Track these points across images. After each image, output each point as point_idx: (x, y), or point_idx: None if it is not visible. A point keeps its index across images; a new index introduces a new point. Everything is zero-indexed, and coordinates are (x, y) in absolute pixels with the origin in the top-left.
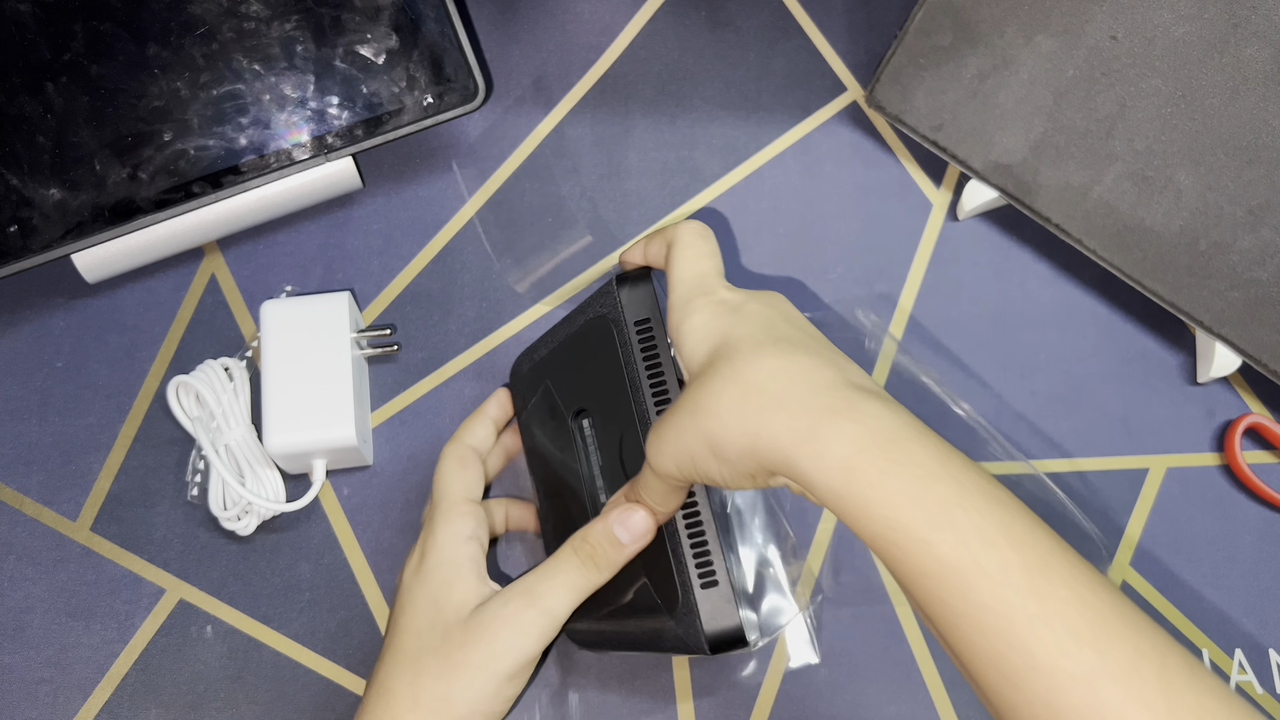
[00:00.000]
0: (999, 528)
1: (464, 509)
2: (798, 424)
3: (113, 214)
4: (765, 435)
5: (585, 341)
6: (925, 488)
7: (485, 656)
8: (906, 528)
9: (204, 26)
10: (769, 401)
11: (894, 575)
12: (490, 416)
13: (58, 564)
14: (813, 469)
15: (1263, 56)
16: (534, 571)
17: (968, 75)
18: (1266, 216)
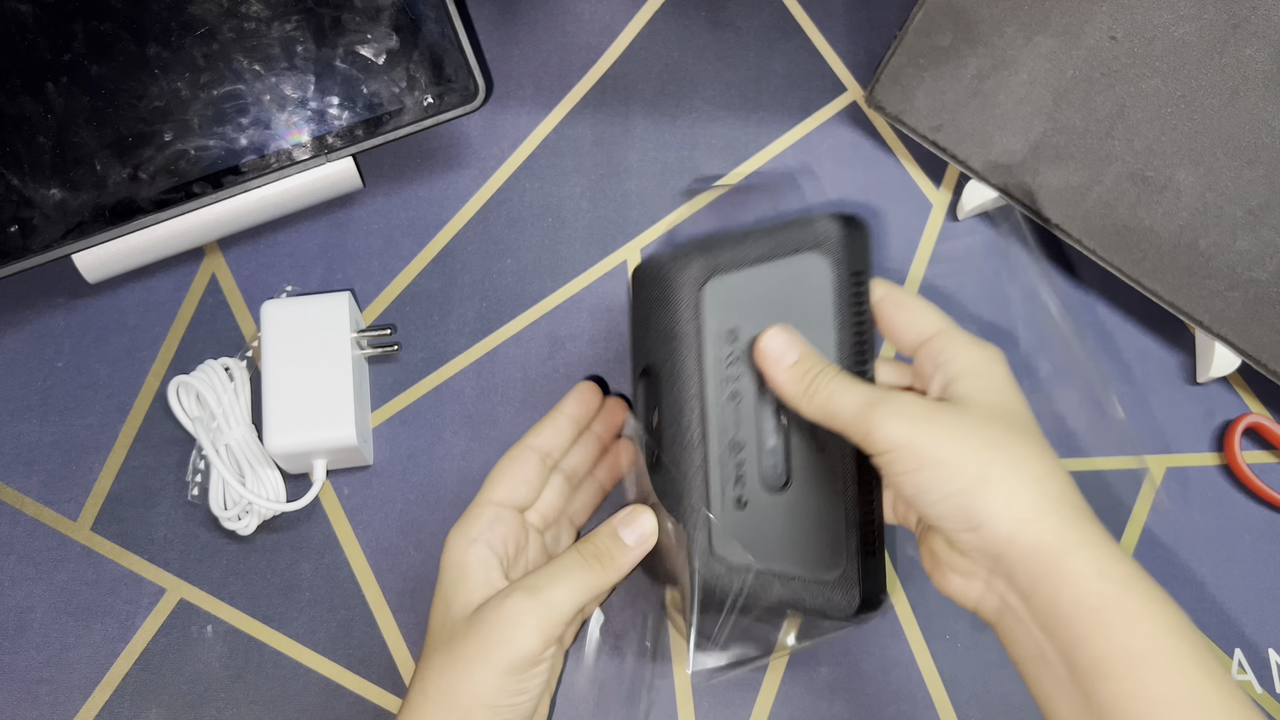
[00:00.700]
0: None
1: (480, 512)
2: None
3: (113, 214)
4: (1032, 526)
5: (786, 273)
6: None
7: (483, 650)
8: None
9: (204, 27)
10: (1054, 503)
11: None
12: (568, 415)
13: (58, 564)
14: (1089, 573)
15: (1262, 57)
16: (540, 569)
17: (967, 75)
18: (1266, 216)
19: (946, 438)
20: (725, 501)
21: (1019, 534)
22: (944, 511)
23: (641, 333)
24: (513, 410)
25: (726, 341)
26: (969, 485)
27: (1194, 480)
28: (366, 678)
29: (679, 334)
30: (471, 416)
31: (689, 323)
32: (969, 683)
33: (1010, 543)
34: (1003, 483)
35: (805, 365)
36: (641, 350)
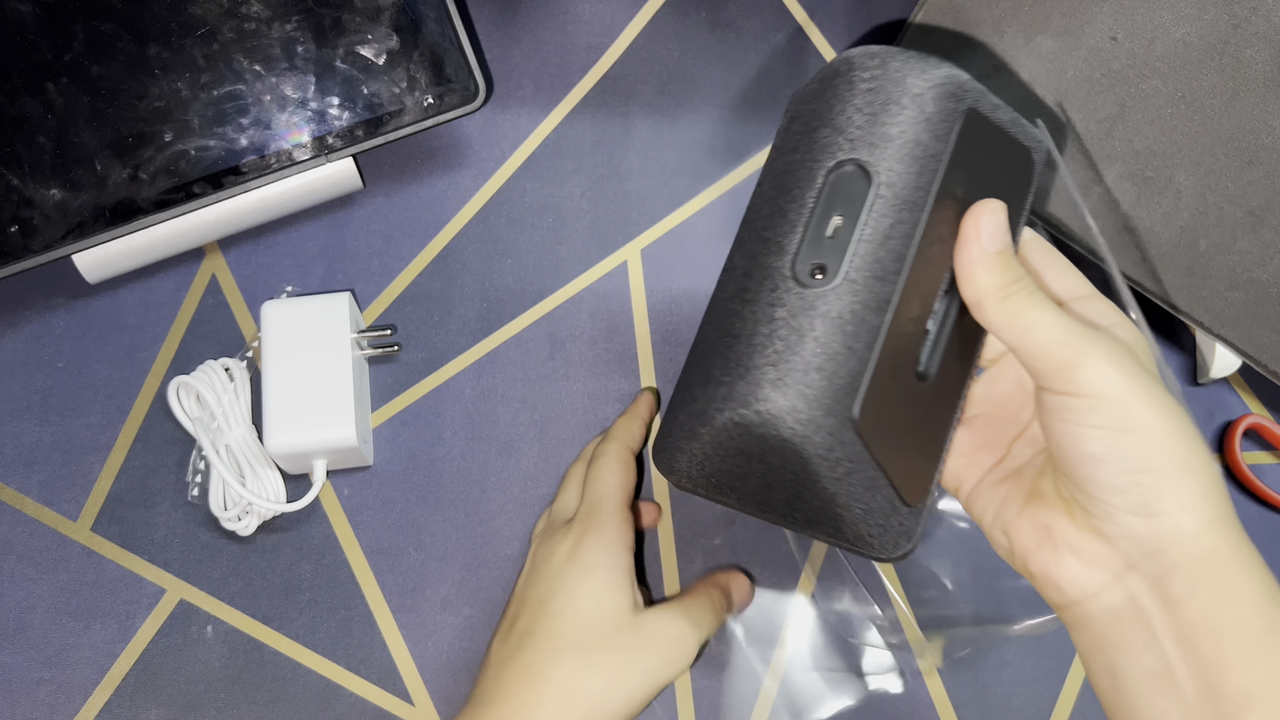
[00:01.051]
0: None
1: (628, 516)
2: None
3: (113, 214)
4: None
5: (1006, 149)
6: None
7: (655, 663)
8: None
9: (205, 27)
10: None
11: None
12: (643, 418)
13: (58, 564)
14: (1260, 594)
15: (1262, 58)
16: (688, 600)
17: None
18: (1266, 217)
19: (1160, 407)
20: (885, 360)
21: (1202, 536)
22: (1127, 485)
23: (851, 122)
24: (513, 410)
25: (959, 184)
26: (1170, 466)
27: None
28: (366, 678)
29: (922, 143)
30: (472, 417)
31: (938, 138)
32: (969, 684)
33: (1189, 541)
34: (1201, 476)
35: (1007, 261)
36: (848, 141)
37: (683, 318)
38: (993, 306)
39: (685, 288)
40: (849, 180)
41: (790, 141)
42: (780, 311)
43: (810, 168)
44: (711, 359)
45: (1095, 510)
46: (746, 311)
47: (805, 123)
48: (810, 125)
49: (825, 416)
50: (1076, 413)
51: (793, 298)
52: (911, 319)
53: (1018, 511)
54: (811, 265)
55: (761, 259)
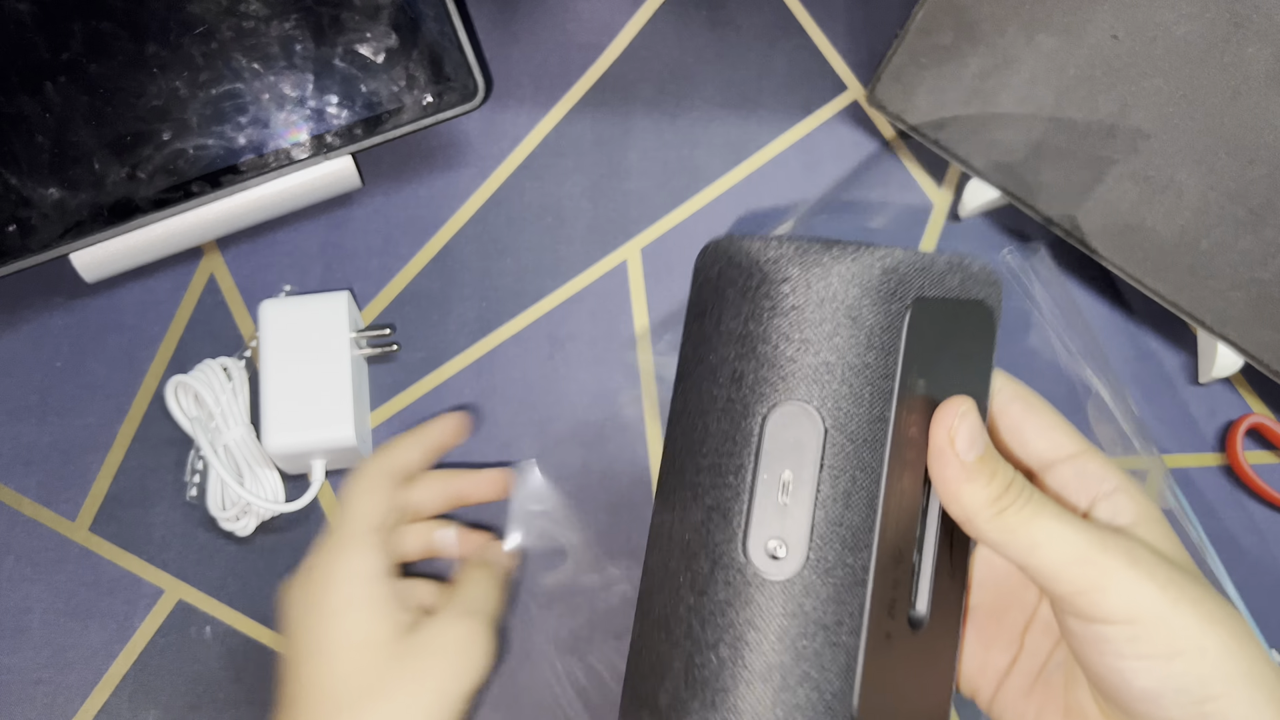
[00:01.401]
0: None
1: (373, 540)
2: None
3: (111, 213)
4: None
5: (953, 325)
6: None
7: (444, 681)
8: None
9: (203, 25)
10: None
11: None
12: (427, 443)
13: (56, 564)
14: None
15: (1264, 56)
16: (456, 592)
17: (969, 74)
18: (1268, 216)
19: (1207, 616)
20: (877, 636)
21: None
22: (1188, 717)
23: (777, 353)
24: (512, 410)
25: (916, 393)
26: (1234, 687)
27: (1196, 481)
28: None
29: (871, 365)
30: (471, 416)
31: (887, 352)
32: None
33: None
34: (1269, 686)
35: (992, 467)
36: (770, 380)
37: (682, 318)
38: (986, 524)
39: (685, 288)
40: (790, 425)
41: (708, 351)
42: (742, 613)
43: (741, 410)
44: (662, 675)
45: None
46: (698, 604)
47: (722, 338)
48: (729, 345)
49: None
50: (1113, 643)
51: (753, 592)
52: (894, 569)
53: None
54: (767, 545)
55: (703, 531)
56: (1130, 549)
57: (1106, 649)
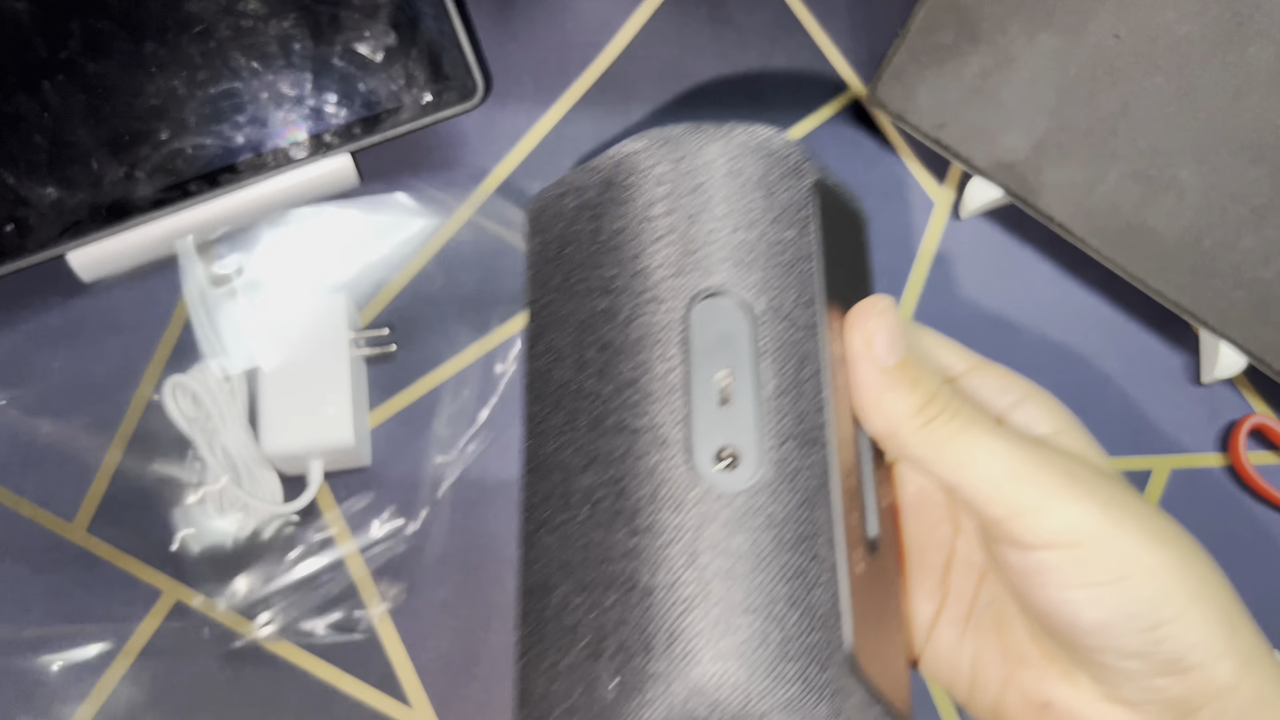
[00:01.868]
0: None
1: None
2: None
3: (109, 213)
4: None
5: (846, 228)
6: None
7: None
8: None
9: (201, 24)
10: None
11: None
12: None
13: (53, 565)
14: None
15: (1266, 55)
16: None
17: (970, 73)
18: (1271, 215)
19: (1152, 531)
20: (849, 548)
21: (1242, 683)
22: (1143, 646)
23: (669, 240)
24: (512, 410)
25: (834, 277)
26: (1186, 608)
27: (1198, 482)
28: (364, 680)
29: (786, 241)
30: (470, 417)
31: (799, 228)
32: None
33: (1231, 691)
34: (1221, 605)
35: (913, 374)
36: (694, 265)
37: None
38: (910, 438)
39: None
40: (715, 318)
41: (581, 282)
42: (702, 537)
43: (649, 315)
44: (599, 632)
45: (1110, 679)
46: (638, 546)
47: (597, 251)
48: (608, 254)
49: (819, 672)
50: (1055, 571)
51: (713, 509)
52: (849, 477)
53: (999, 687)
54: (715, 452)
55: (630, 460)
56: (1068, 465)
57: (1049, 579)
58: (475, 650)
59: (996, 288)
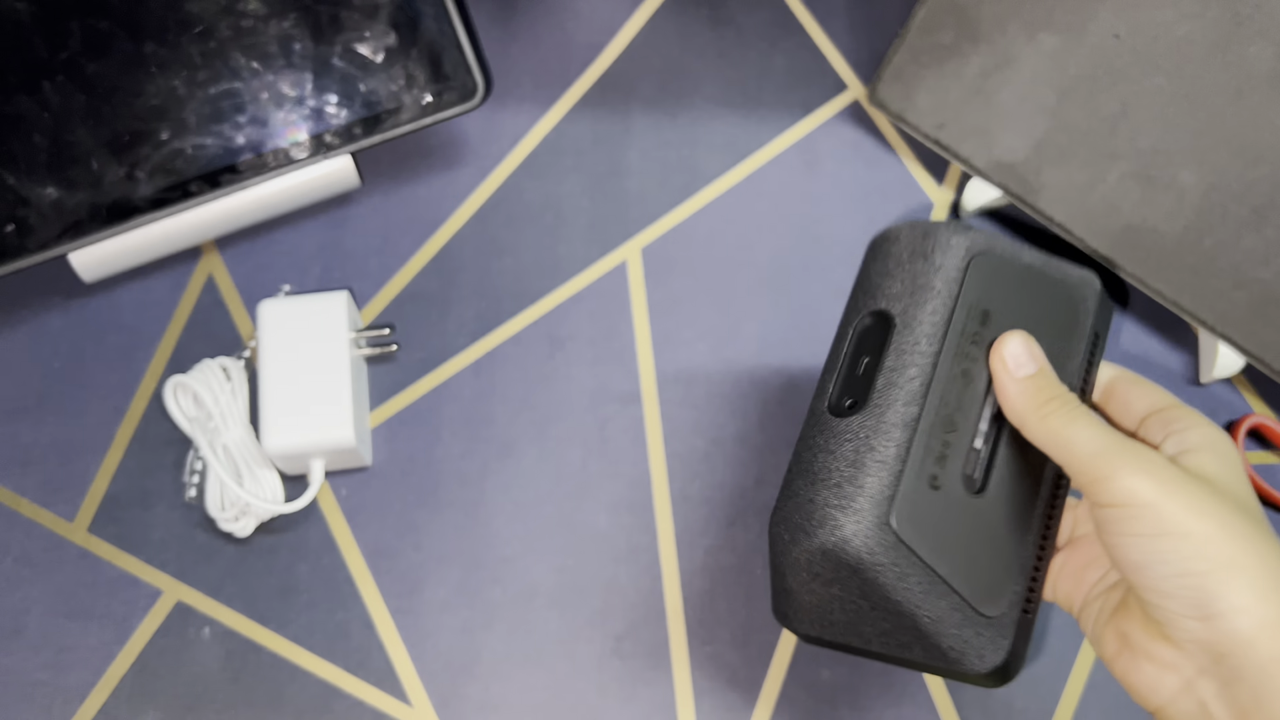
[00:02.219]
0: None
1: None
2: None
3: (109, 213)
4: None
5: (1049, 290)
6: None
7: None
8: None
9: (201, 24)
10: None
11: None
12: None
13: (55, 565)
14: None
15: (1266, 55)
16: None
17: (970, 73)
18: (1271, 216)
19: (1196, 510)
20: (921, 472)
21: (1260, 640)
22: (1175, 589)
23: (879, 282)
24: (512, 410)
25: (977, 320)
26: (1215, 568)
27: None
28: (365, 680)
29: (933, 288)
30: (470, 417)
31: (949, 282)
32: (971, 686)
33: (1248, 645)
34: (1254, 576)
35: (1042, 383)
36: (873, 297)
37: (683, 317)
38: (1033, 426)
39: (685, 287)
40: (874, 329)
41: (846, 310)
42: (825, 444)
43: (845, 324)
44: (789, 505)
45: (1159, 616)
46: (804, 452)
47: (852, 291)
48: (853, 292)
49: (872, 529)
50: (1115, 522)
51: (833, 430)
52: (949, 437)
53: (1105, 621)
54: (845, 402)
55: (813, 404)
56: (1143, 454)
57: (1110, 527)
58: (475, 650)
59: None
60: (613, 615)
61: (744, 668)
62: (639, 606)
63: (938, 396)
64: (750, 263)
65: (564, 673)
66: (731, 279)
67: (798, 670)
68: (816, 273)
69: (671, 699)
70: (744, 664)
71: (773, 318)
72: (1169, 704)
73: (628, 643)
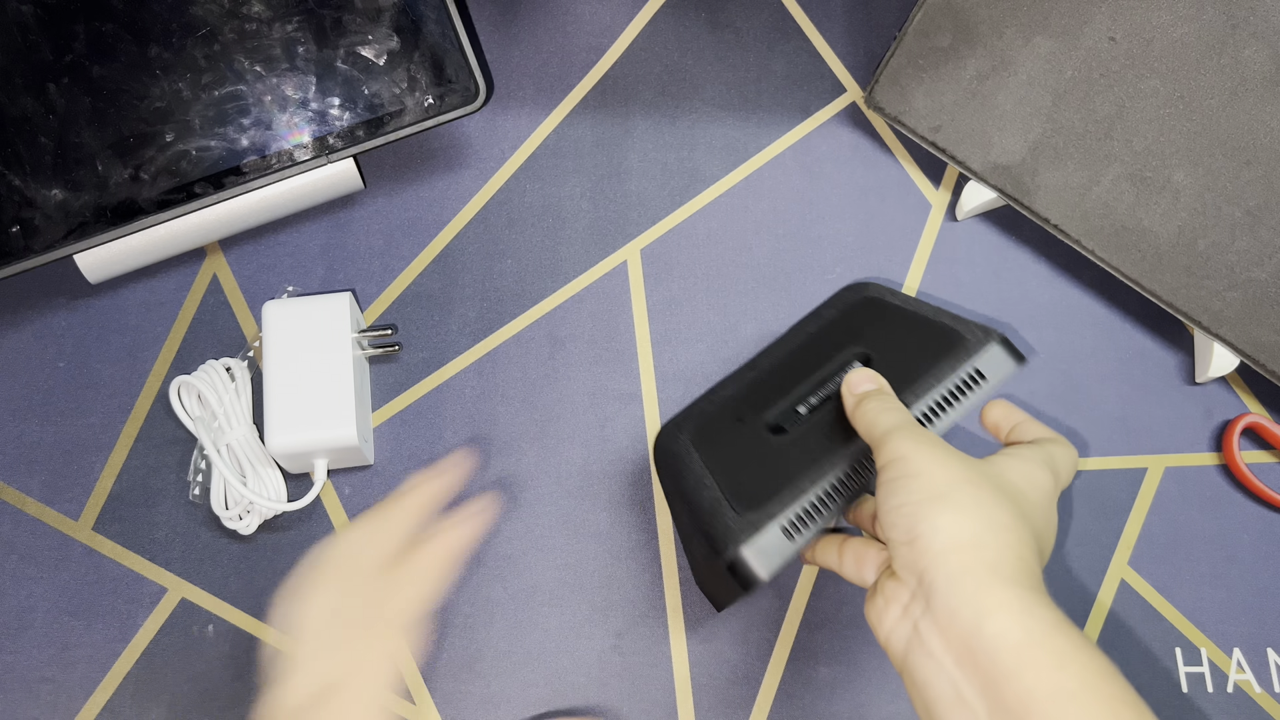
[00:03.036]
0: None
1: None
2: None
3: (115, 214)
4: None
5: (908, 332)
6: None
7: None
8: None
9: (206, 28)
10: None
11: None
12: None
13: (60, 563)
14: (1015, 608)
15: (1260, 58)
16: None
17: (966, 76)
18: (1264, 217)
19: (937, 462)
20: (734, 410)
21: (950, 556)
22: (894, 520)
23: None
24: (513, 410)
25: (847, 339)
26: (926, 499)
27: (1193, 480)
28: None
29: (820, 314)
30: (472, 416)
31: (833, 308)
32: None
33: (938, 559)
34: (957, 509)
35: (872, 391)
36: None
37: (682, 318)
38: (851, 410)
39: (684, 288)
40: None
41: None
42: (713, 389)
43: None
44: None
45: (890, 547)
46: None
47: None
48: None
49: (673, 432)
50: (879, 474)
51: (727, 378)
52: (777, 398)
53: (870, 569)
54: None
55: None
56: (920, 431)
57: (880, 489)
58: (478, 648)
59: (992, 288)
60: (613, 612)
61: (743, 664)
62: (639, 604)
63: (781, 375)
64: (749, 263)
65: (565, 669)
66: (730, 280)
67: (796, 667)
68: (814, 273)
69: (672, 695)
70: (743, 660)
71: (771, 318)
72: (891, 631)
73: (628, 639)
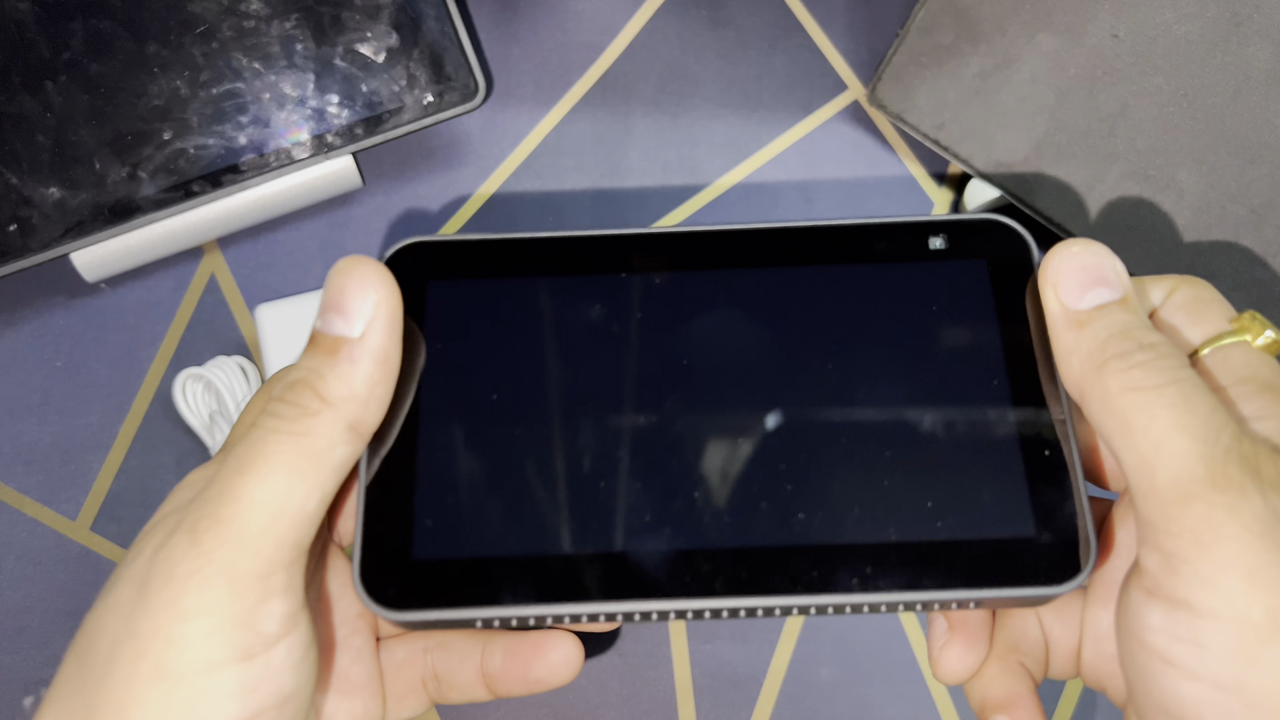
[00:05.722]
0: None
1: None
2: None
3: (112, 213)
4: None
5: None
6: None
7: None
8: None
9: (204, 25)
10: None
11: None
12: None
13: (57, 564)
14: None
15: (1265, 55)
16: None
17: (969, 74)
18: (1269, 216)
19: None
20: None
21: None
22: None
23: None
24: None
25: None
26: (1233, 662)
27: None
28: None
29: None
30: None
31: None
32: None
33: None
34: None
35: (1123, 318)
36: None
37: None
38: (1080, 375)
39: None
40: None
41: None
42: None
43: None
44: None
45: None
46: None
47: None
48: None
49: None
50: (1170, 627)
51: None
52: None
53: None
54: None
55: None
56: (1253, 522)
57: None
58: None
59: None
60: None
61: (744, 665)
62: None
63: None
64: None
65: None
66: None
67: (797, 668)
68: None
69: (672, 697)
70: (744, 661)
71: None
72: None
73: (627, 640)
